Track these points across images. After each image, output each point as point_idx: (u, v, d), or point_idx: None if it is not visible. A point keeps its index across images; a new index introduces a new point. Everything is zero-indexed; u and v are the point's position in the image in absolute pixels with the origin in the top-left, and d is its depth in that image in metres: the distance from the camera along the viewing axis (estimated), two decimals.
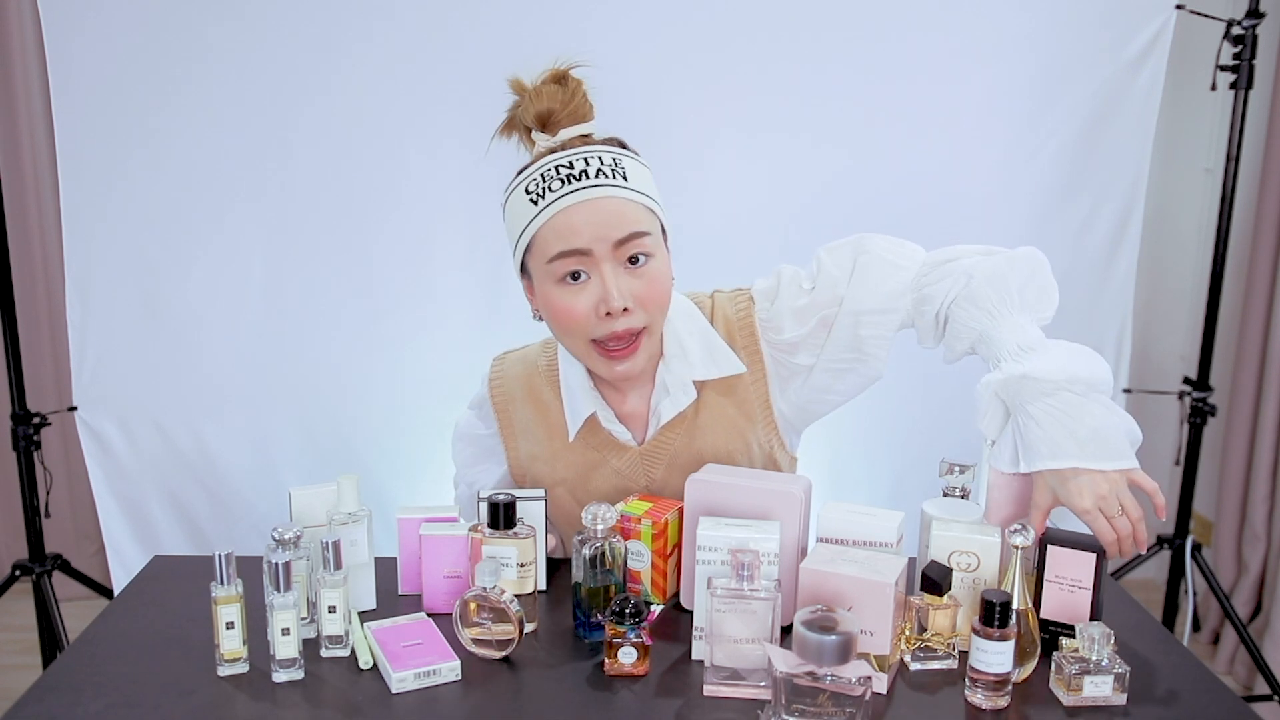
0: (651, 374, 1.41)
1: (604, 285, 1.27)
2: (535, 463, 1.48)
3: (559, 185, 1.27)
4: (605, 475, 1.45)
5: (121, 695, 1.13)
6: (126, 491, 2.34)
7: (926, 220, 2.32)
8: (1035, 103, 2.28)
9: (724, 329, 1.42)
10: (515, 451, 1.50)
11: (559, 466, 1.46)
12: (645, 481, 1.45)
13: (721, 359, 1.40)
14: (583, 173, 1.27)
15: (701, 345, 1.40)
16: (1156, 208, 2.78)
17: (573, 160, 1.29)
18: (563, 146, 1.31)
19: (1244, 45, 2.25)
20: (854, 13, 2.21)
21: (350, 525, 1.28)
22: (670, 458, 1.43)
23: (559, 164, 1.29)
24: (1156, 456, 3.01)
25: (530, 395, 1.48)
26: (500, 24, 2.17)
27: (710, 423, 1.42)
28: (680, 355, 1.39)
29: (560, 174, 1.28)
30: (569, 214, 1.26)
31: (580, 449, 1.45)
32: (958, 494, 1.33)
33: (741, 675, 1.12)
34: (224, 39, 2.14)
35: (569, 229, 1.26)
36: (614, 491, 1.45)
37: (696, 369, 1.39)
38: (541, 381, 1.47)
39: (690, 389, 1.40)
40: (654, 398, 1.42)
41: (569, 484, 1.46)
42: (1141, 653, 1.23)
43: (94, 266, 2.24)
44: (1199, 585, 2.70)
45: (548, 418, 1.46)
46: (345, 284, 2.30)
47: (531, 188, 1.29)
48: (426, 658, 1.17)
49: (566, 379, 1.43)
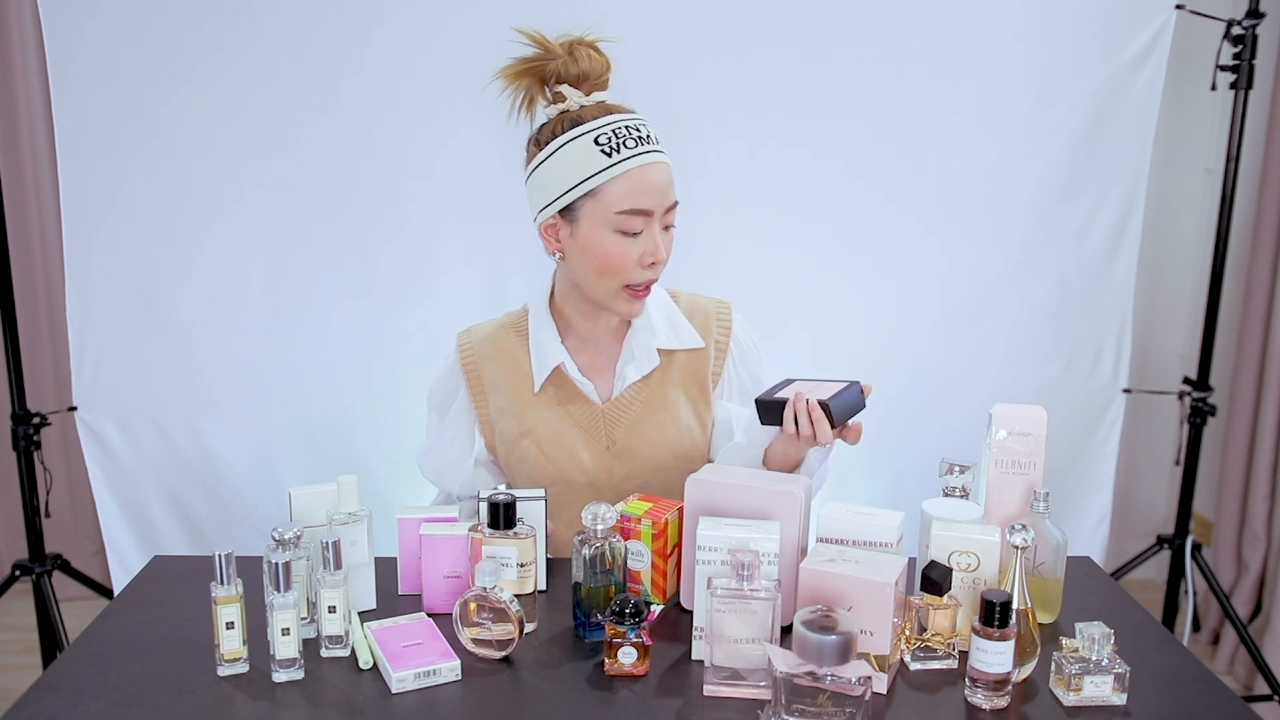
0: (611, 327, 1.57)
1: (654, 241, 1.43)
2: (504, 416, 1.57)
3: (633, 144, 1.41)
4: (569, 428, 1.55)
5: (121, 695, 1.13)
6: (126, 491, 2.34)
7: (927, 220, 2.34)
8: (1035, 103, 2.28)
9: (697, 317, 1.59)
10: (485, 408, 1.59)
11: (526, 418, 1.56)
12: (606, 442, 1.55)
13: (683, 333, 1.58)
14: (650, 136, 1.44)
15: (666, 319, 1.57)
16: (1156, 208, 2.78)
17: (638, 125, 1.43)
18: (608, 109, 1.44)
19: (1244, 45, 2.25)
20: (854, 13, 2.21)
21: (350, 525, 1.28)
22: (632, 421, 1.55)
23: (628, 124, 1.43)
24: (1156, 456, 3.02)
25: (499, 352, 1.59)
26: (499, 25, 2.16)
27: (674, 397, 1.56)
28: (646, 326, 1.56)
29: (632, 134, 1.42)
30: (643, 172, 1.41)
31: (546, 402, 1.56)
32: (958, 494, 1.33)
33: (741, 675, 1.12)
34: (224, 39, 2.14)
35: (642, 188, 1.41)
36: (577, 445, 1.55)
37: (659, 338, 1.56)
38: (511, 340, 1.59)
39: (653, 355, 1.56)
40: (620, 362, 1.56)
41: (535, 435, 1.55)
42: (1141, 653, 1.23)
43: (94, 266, 2.24)
44: (1199, 585, 2.70)
45: (515, 371, 1.57)
46: (345, 283, 2.30)
47: (602, 140, 1.41)
48: (426, 658, 1.17)
49: (536, 335, 1.56)
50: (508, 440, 1.57)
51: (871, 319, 2.37)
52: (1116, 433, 2.49)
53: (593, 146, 1.41)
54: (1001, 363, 2.41)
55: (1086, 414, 2.47)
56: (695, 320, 1.59)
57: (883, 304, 2.36)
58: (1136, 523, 3.09)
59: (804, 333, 2.32)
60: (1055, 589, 1.31)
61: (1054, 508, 1.31)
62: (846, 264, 2.34)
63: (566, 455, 1.55)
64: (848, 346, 2.34)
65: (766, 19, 2.21)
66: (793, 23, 2.21)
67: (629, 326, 1.56)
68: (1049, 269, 2.38)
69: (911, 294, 2.36)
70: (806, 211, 2.30)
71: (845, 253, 2.34)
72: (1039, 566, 1.29)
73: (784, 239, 2.31)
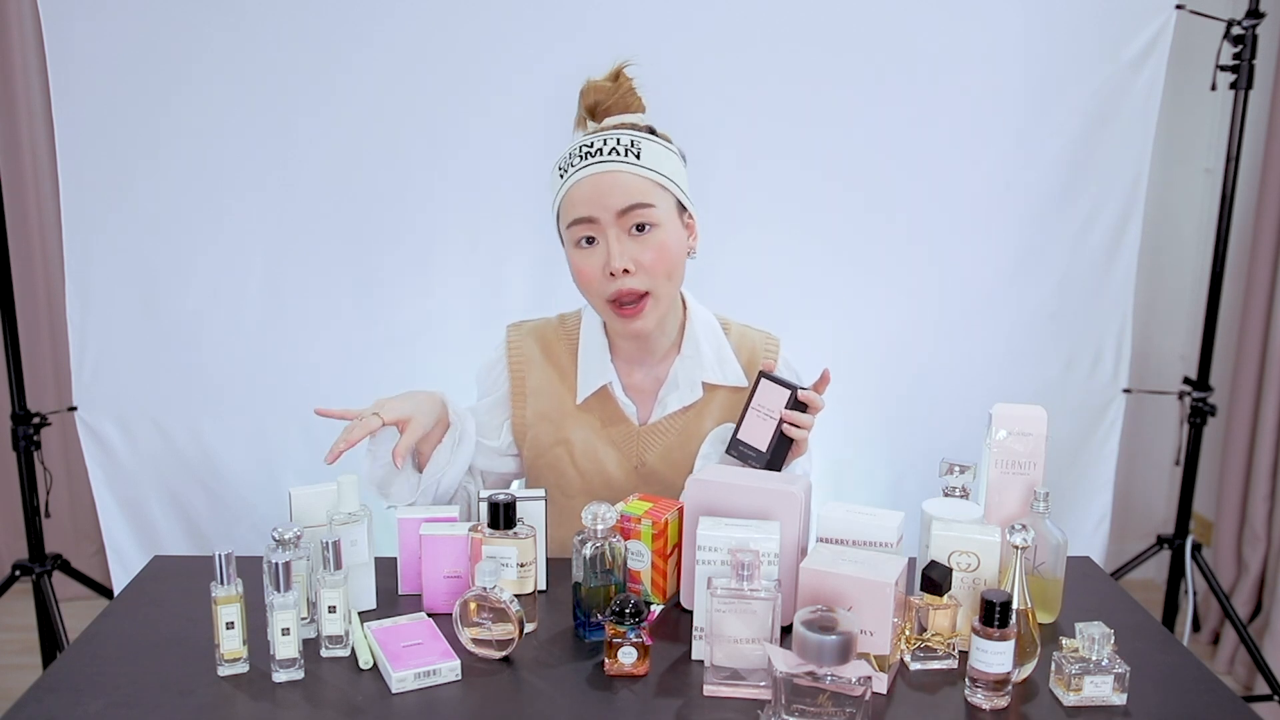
0: (660, 353, 1.56)
1: (608, 249, 1.42)
2: (542, 421, 1.57)
3: (578, 161, 1.44)
4: (604, 444, 1.55)
5: (121, 695, 1.13)
6: (126, 491, 2.34)
7: (926, 220, 2.34)
8: (1035, 103, 2.28)
9: (744, 353, 1.58)
10: (522, 411, 1.58)
11: (564, 427, 1.56)
12: (636, 462, 1.56)
13: (729, 370, 1.56)
14: (599, 150, 1.43)
15: (714, 353, 1.56)
16: (1156, 208, 2.78)
17: (593, 140, 1.44)
18: (591, 131, 1.47)
19: (1244, 45, 2.25)
20: (854, 14, 2.21)
21: (350, 525, 1.28)
22: (665, 448, 1.55)
23: (582, 144, 1.45)
24: (1156, 456, 3.02)
25: (549, 357, 1.58)
26: (499, 25, 2.17)
27: (708, 429, 1.55)
28: (695, 356, 1.55)
29: (581, 152, 1.44)
30: (581, 185, 1.43)
31: (586, 415, 1.56)
32: (958, 494, 1.33)
33: (741, 675, 1.12)
34: (224, 40, 2.14)
35: (581, 198, 1.43)
36: (608, 462, 1.55)
37: (706, 372, 1.55)
38: (561, 347, 1.58)
39: (698, 388, 1.54)
40: (664, 389, 1.55)
41: (568, 445, 1.56)
42: (1141, 653, 1.23)
43: (94, 266, 2.24)
44: (1199, 585, 2.70)
45: (561, 380, 1.57)
46: (345, 284, 2.30)
47: (561, 164, 1.47)
48: (426, 658, 1.17)
49: (586, 347, 1.56)
50: (540, 445, 1.56)
51: (872, 319, 2.37)
52: (1116, 433, 2.49)
53: (555, 172, 1.48)
54: (1001, 363, 2.41)
55: (1086, 414, 2.47)
56: (742, 355, 1.58)
57: (883, 304, 2.36)
58: (1136, 523, 3.09)
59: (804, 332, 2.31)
60: (1055, 589, 1.31)
61: (1054, 508, 1.31)
62: (846, 264, 2.34)
63: (596, 469, 1.55)
64: (848, 346, 2.34)
65: (768, 21, 2.21)
66: (793, 23, 2.21)
67: (679, 352, 1.55)
68: (1049, 269, 2.38)
69: (912, 294, 2.36)
70: (806, 212, 2.30)
71: (845, 253, 2.34)
72: (1039, 566, 1.29)
73: (783, 239, 2.31)
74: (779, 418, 1.39)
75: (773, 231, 2.31)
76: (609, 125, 1.47)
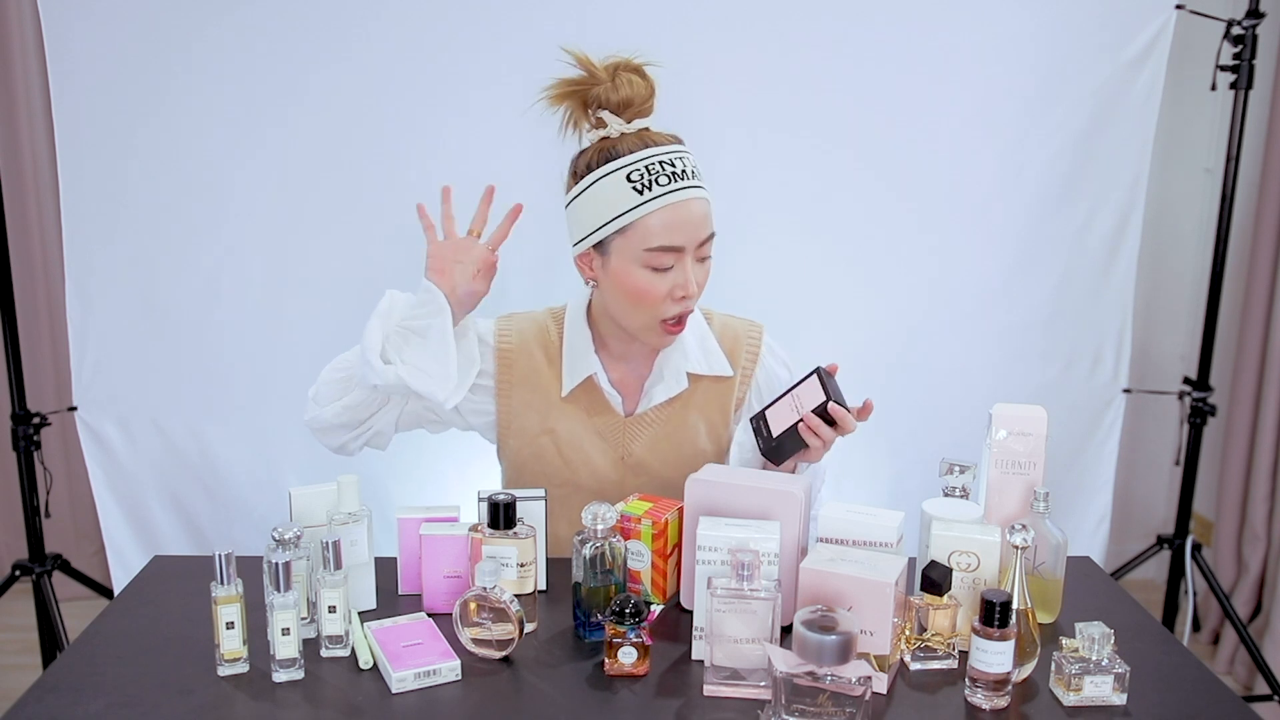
0: (645, 351, 1.56)
1: (685, 276, 1.42)
2: (528, 410, 1.57)
3: (665, 181, 1.40)
4: (589, 435, 1.56)
5: (121, 695, 1.13)
6: (126, 491, 2.33)
7: (926, 220, 2.34)
8: (1035, 103, 2.28)
9: (727, 341, 1.59)
10: (508, 400, 1.57)
11: (550, 417, 1.56)
12: (623, 453, 1.57)
13: (714, 360, 1.57)
14: (684, 172, 1.41)
15: (698, 342, 1.57)
16: (1156, 208, 2.78)
17: (673, 159, 1.41)
18: (646, 140, 1.42)
19: (1244, 45, 2.25)
20: (854, 14, 2.21)
21: (350, 525, 1.28)
22: (651, 439, 1.56)
23: (662, 159, 1.41)
24: (1156, 456, 3.02)
25: (541, 347, 1.59)
26: (498, 24, 2.17)
27: (694, 420, 1.57)
28: (679, 348, 1.55)
29: (665, 170, 1.40)
30: (675, 210, 1.40)
31: (572, 406, 1.57)
32: (958, 494, 1.33)
33: (741, 675, 1.12)
34: (224, 39, 2.14)
35: (674, 225, 1.40)
36: (594, 453, 1.56)
37: (690, 362, 1.56)
38: (548, 338, 1.59)
39: (683, 378, 1.56)
40: (649, 381, 1.56)
41: (554, 435, 1.56)
42: (1141, 653, 1.23)
43: (94, 266, 2.24)
44: (1199, 585, 2.70)
45: (548, 370, 1.57)
46: (345, 283, 2.29)
47: (634, 176, 1.40)
48: (426, 658, 1.17)
49: (570, 341, 1.57)
50: (526, 435, 1.57)
51: (871, 319, 2.36)
52: (1116, 433, 2.49)
53: (625, 183, 1.40)
54: (1001, 363, 2.41)
55: (1086, 414, 2.47)
56: (725, 344, 1.59)
57: (882, 304, 2.36)
58: (1136, 523, 3.09)
59: (804, 332, 2.32)
60: (1055, 589, 1.31)
61: (1054, 508, 1.31)
62: (846, 264, 2.34)
63: (582, 460, 1.56)
64: (848, 346, 2.34)
65: (767, 21, 2.21)
66: (793, 24, 2.21)
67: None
68: (1049, 269, 2.38)
69: (911, 294, 2.36)
70: (804, 213, 2.30)
71: (845, 253, 2.33)
72: (1039, 566, 1.29)
73: (782, 241, 2.31)
74: (802, 416, 1.39)
75: (772, 232, 2.30)
76: (648, 132, 1.43)
